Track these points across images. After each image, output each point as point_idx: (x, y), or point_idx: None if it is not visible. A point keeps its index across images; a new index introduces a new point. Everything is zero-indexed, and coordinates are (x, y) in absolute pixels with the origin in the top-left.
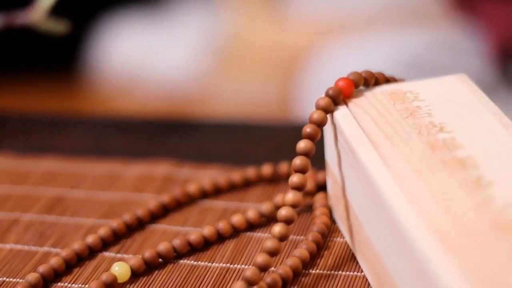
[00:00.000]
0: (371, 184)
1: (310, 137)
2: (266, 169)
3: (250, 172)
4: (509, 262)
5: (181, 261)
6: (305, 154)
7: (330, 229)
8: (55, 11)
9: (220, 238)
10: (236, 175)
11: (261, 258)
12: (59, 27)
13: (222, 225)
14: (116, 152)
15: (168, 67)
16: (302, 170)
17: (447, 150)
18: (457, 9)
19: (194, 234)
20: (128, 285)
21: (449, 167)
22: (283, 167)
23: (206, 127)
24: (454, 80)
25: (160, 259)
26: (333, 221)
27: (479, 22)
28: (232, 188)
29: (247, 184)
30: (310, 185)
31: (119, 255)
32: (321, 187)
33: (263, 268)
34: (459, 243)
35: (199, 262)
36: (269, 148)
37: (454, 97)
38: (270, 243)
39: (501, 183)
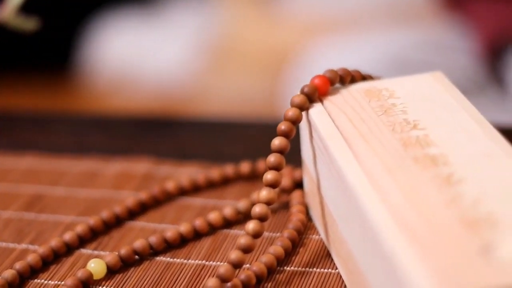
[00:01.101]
0: (343, 180)
1: (285, 134)
2: (244, 167)
3: (228, 169)
4: (477, 258)
5: (157, 258)
6: (280, 151)
7: (306, 227)
8: (27, 9)
9: (196, 235)
10: (214, 173)
11: (234, 255)
12: (28, 24)
13: (199, 222)
14: (97, 149)
15: (161, 66)
16: (276, 167)
17: (419, 147)
18: (446, 8)
19: (171, 231)
20: (103, 282)
21: (420, 164)
22: (261, 164)
23: (186, 125)
24: (430, 78)
25: (136, 256)
26: (309, 218)
27: (468, 20)
28: (210, 186)
29: (225, 181)
30: (287, 182)
31: (96, 252)
32: (298, 184)
33: (237, 265)
34: (427, 239)
35: (175, 259)
36: (248, 145)
37: (430, 95)
38: (243, 240)
39: (472, 180)
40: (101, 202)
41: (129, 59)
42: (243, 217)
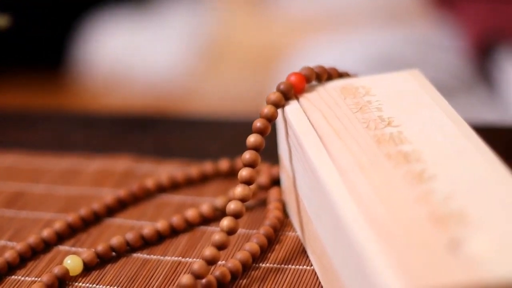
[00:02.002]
0: (315, 177)
1: (260, 131)
2: (223, 164)
3: (207, 167)
4: (445, 254)
5: (134, 255)
6: (255, 148)
7: (283, 223)
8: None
9: (173, 232)
10: (193, 170)
11: (208, 251)
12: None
13: (176, 219)
14: (79, 147)
15: (154, 65)
16: (251, 164)
17: (393, 144)
18: (436, 6)
19: (148, 228)
20: (80, 278)
21: (393, 161)
22: (239, 162)
23: (168, 123)
24: (407, 76)
25: (113, 253)
26: (286, 215)
27: (457, 19)
28: (189, 183)
29: (204, 178)
30: (264, 179)
31: (74, 249)
32: (276, 181)
33: (211, 262)
34: (396, 235)
35: (152, 256)
36: (228, 143)
37: (406, 93)
38: (218, 237)
39: (444, 176)
40: (81, 199)
41: (122, 58)
42: (220, 214)
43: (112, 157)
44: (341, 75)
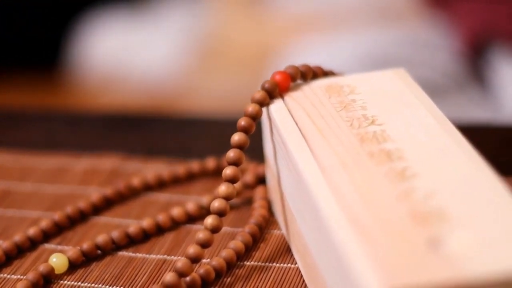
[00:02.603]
0: (298, 175)
1: (245, 130)
2: (209, 163)
3: (194, 165)
4: (425, 252)
5: (120, 253)
6: (239, 146)
7: (268, 222)
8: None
9: (159, 230)
10: (180, 168)
11: (192, 249)
12: None
13: (162, 218)
14: (67, 146)
15: (149, 64)
16: (235, 163)
17: (376, 142)
18: (429, 5)
19: (133, 226)
20: (65, 276)
21: (375, 159)
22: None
23: (156, 122)
24: (392, 75)
25: (99, 251)
26: (272, 213)
27: (451, 18)
28: (176, 181)
29: (190, 177)
30: (250, 178)
31: (60, 247)
32: (262, 180)
33: (195, 260)
34: (376, 233)
35: (137, 254)
36: (216, 142)
37: (390, 91)
38: (201, 235)
39: (426, 175)
40: (68, 198)
41: (117, 58)
42: (206, 212)
43: (99, 156)
44: (326, 73)
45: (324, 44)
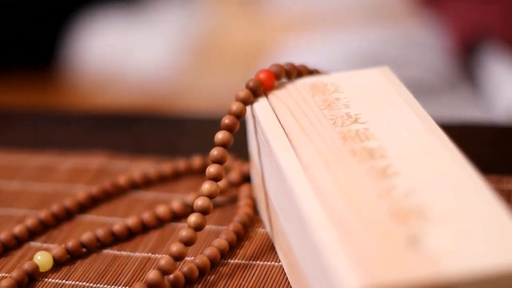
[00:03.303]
0: (281, 173)
1: (228, 128)
2: (196, 161)
3: (180, 164)
4: (404, 249)
5: (104, 251)
6: (223, 145)
7: (253, 220)
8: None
9: (144, 228)
10: (166, 167)
11: (175, 247)
12: None
13: (147, 216)
14: (54, 144)
15: (145, 64)
16: (219, 161)
17: (358, 140)
18: (422, 5)
19: (118, 224)
20: (50, 274)
21: (357, 157)
22: None
23: (144, 121)
24: (376, 73)
25: (84, 249)
26: (256, 211)
27: (443, 17)
28: (162, 180)
29: (177, 175)
30: (236, 176)
31: (45, 245)
32: (247, 178)
33: (178, 257)
34: (356, 231)
35: (122, 252)
36: (203, 140)
37: (374, 90)
38: (185, 233)
39: (407, 172)
40: (55, 196)
41: (112, 57)
42: (191, 210)
43: (86, 154)
44: (311, 72)
45: (317, 43)
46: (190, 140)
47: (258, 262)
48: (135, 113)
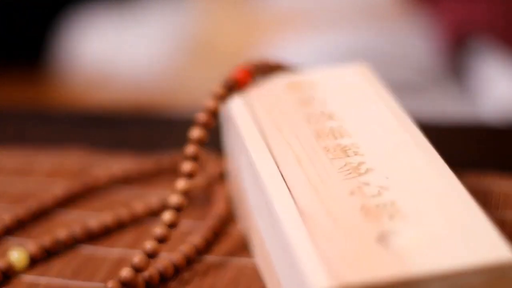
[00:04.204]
0: (254, 170)
1: (203, 125)
2: (178, 158)
3: (162, 160)
4: (375, 246)
5: (81, 248)
6: (197, 141)
7: (229, 216)
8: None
9: (121, 225)
10: (147, 163)
11: (149, 245)
12: None
13: (124, 212)
14: (33, 141)
15: (137, 63)
16: (194, 157)
17: (332, 137)
18: (413, 3)
19: (95, 221)
20: (25, 271)
21: (331, 154)
22: None
23: (128, 119)
24: (354, 70)
25: (60, 246)
26: (233, 208)
27: (433, 15)
28: (143, 176)
29: (158, 172)
30: (212, 172)
31: (22, 242)
32: (223, 175)
33: (151, 255)
34: (327, 228)
35: (98, 249)
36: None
37: (351, 87)
38: (159, 230)
39: (380, 170)
40: (33, 193)
41: (104, 55)
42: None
43: (66, 151)
44: (289, 69)
45: (306, 42)
46: (175, 139)
47: (234, 259)
48: (121, 111)
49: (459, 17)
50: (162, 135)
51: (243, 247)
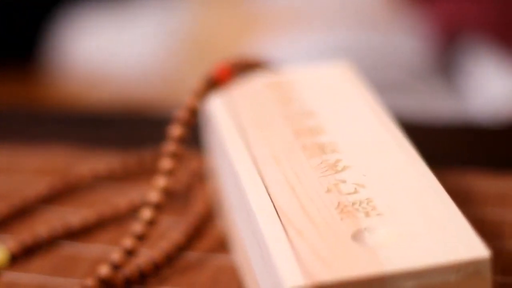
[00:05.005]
0: (232, 167)
1: (183, 122)
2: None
3: (145, 158)
4: (350, 244)
5: (62, 245)
6: (177, 139)
7: (210, 214)
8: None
9: (103, 222)
10: (131, 161)
11: (128, 242)
12: None
13: (105, 210)
14: (19, 139)
15: (131, 62)
16: (173, 155)
17: (310, 135)
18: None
19: (76, 218)
20: (6, 268)
21: (308, 152)
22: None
23: (110, 115)
24: (335, 68)
25: (40, 243)
26: (213, 205)
27: (424, 14)
28: (126, 173)
29: (142, 169)
30: (192, 169)
31: (3, 240)
32: (204, 172)
33: (130, 252)
34: (303, 225)
35: (79, 246)
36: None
37: (331, 85)
38: (137, 227)
39: (357, 167)
40: (18, 191)
41: (96, 55)
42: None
43: (51, 149)
44: (270, 67)
45: (297, 40)
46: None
47: (214, 256)
48: (108, 110)
49: (450, 16)
50: (149, 133)
51: (223, 245)
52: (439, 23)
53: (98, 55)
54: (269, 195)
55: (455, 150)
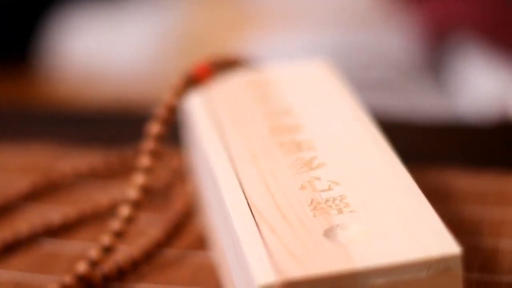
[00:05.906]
0: (209, 166)
1: (161, 120)
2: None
3: (128, 154)
4: (321, 240)
5: (41, 242)
6: (156, 136)
7: (190, 211)
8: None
9: (83, 219)
10: (112, 158)
11: (106, 239)
12: None
13: (86, 207)
14: (1, 137)
15: (124, 61)
16: (152, 152)
17: (287, 133)
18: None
19: (57, 215)
20: None
21: (284, 149)
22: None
23: (87, 113)
24: (315, 65)
25: (20, 240)
26: (194, 203)
27: (415, 12)
28: (108, 171)
29: (124, 166)
30: (172, 166)
31: None
32: (184, 169)
33: (108, 249)
34: (276, 223)
35: (59, 243)
36: None
37: (311, 82)
38: (115, 225)
39: (332, 164)
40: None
41: (90, 54)
42: None
43: (34, 147)
44: (250, 64)
45: (286, 39)
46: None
47: (193, 253)
48: (93, 109)
49: (439, 14)
50: (132, 131)
51: (202, 242)
52: (429, 22)
53: (91, 54)
54: (243, 192)
55: (438, 147)
